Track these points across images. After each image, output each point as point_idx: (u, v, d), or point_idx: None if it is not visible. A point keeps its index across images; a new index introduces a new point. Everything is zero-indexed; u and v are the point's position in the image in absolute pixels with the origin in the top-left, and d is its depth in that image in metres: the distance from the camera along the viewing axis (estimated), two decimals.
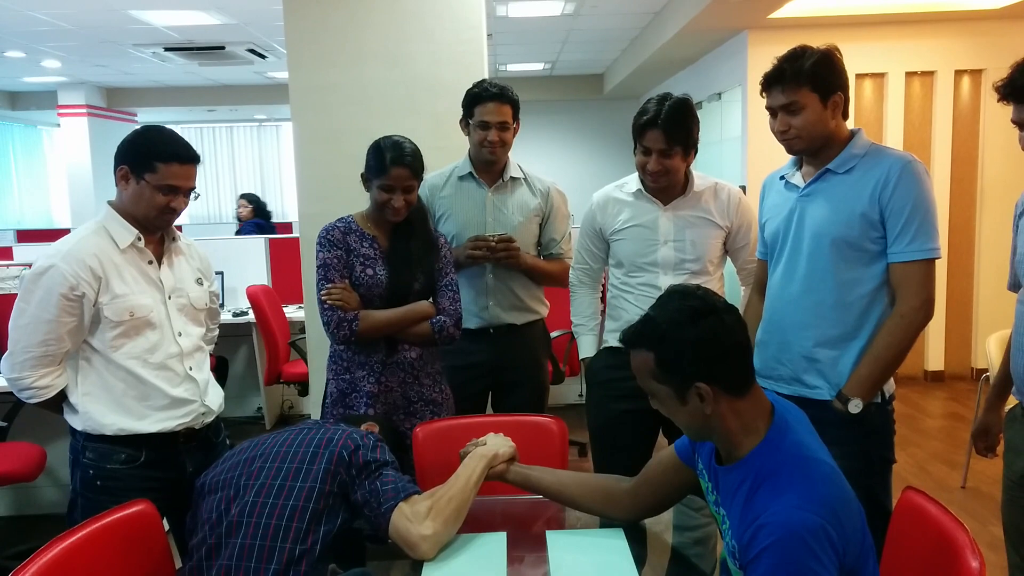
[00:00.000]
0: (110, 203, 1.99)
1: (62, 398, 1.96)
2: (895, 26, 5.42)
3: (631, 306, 2.39)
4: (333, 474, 1.61)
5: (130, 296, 1.93)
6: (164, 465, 2.00)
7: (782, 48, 1.97)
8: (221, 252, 5.01)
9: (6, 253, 5.72)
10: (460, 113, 2.65)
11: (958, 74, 5.52)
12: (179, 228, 2.21)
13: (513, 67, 9.27)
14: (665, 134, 2.21)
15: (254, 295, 4.52)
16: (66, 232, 2.28)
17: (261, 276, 5.22)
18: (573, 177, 9.00)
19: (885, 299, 1.96)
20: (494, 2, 5.96)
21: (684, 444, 1.63)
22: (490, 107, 2.54)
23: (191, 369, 2.05)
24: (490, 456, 1.79)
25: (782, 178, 2.12)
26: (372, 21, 3.34)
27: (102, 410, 1.93)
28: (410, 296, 2.33)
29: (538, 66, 9.32)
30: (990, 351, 3.30)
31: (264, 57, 7.80)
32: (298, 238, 3.50)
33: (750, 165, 5.57)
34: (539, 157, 9.92)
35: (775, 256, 2.11)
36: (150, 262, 2.00)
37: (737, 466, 1.38)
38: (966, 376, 5.74)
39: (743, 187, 5.26)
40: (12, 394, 1.98)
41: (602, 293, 2.65)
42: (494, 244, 2.57)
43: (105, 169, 3.27)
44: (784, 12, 5.06)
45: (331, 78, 3.36)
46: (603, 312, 2.58)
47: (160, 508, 1.73)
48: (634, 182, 2.41)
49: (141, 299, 1.95)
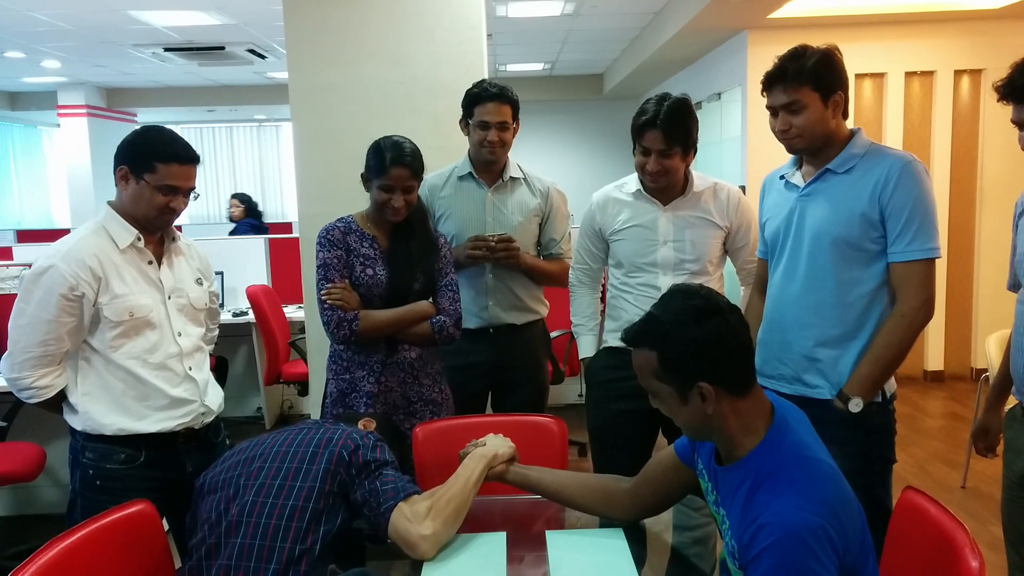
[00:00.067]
0: (110, 203, 1.99)
1: (62, 398, 1.96)
2: (895, 26, 5.42)
3: (630, 306, 2.39)
4: (333, 474, 1.61)
5: (130, 296, 1.93)
6: (164, 465, 2.00)
7: (782, 48, 1.97)
8: (221, 252, 5.01)
9: (6, 253, 5.71)
10: (460, 113, 2.65)
11: (958, 74, 5.52)
12: (179, 228, 2.21)
13: (513, 67, 9.27)
14: (664, 134, 2.21)
15: (254, 295, 4.52)
16: (66, 232, 2.28)
17: (261, 276, 5.22)
18: (573, 177, 9.00)
19: (885, 299, 1.96)
20: (494, 2, 5.96)
21: (684, 444, 1.62)
22: (490, 107, 2.55)
23: (191, 369, 2.05)
24: (490, 456, 1.79)
25: (782, 177, 2.12)
26: (372, 21, 3.35)
27: (102, 410, 1.93)
28: (410, 296, 2.33)
29: (538, 66, 9.32)
30: (990, 351, 3.30)
31: (264, 57, 7.80)
32: (298, 238, 3.50)
33: (750, 165, 5.57)
34: (539, 157, 9.91)
35: (775, 256, 2.11)
36: (150, 262, 2.00)
37: (737, 466, 1.38)
38: (966, 376, 5.74)
39: (743, 187, 5.27)
40: (12, 394, 1.98)
41: (602, 293, 2.65)
42: (494, 244, 2.57)
43: (105, 169, 3.27)
44: (784, 12, 5.06)
45: (331, 78, 3.36)
46: (603, 312, 2.58)
47: (160, 508, 1.73)
48: (633, 182, 2.41)
49: (141, 299, 1.95)
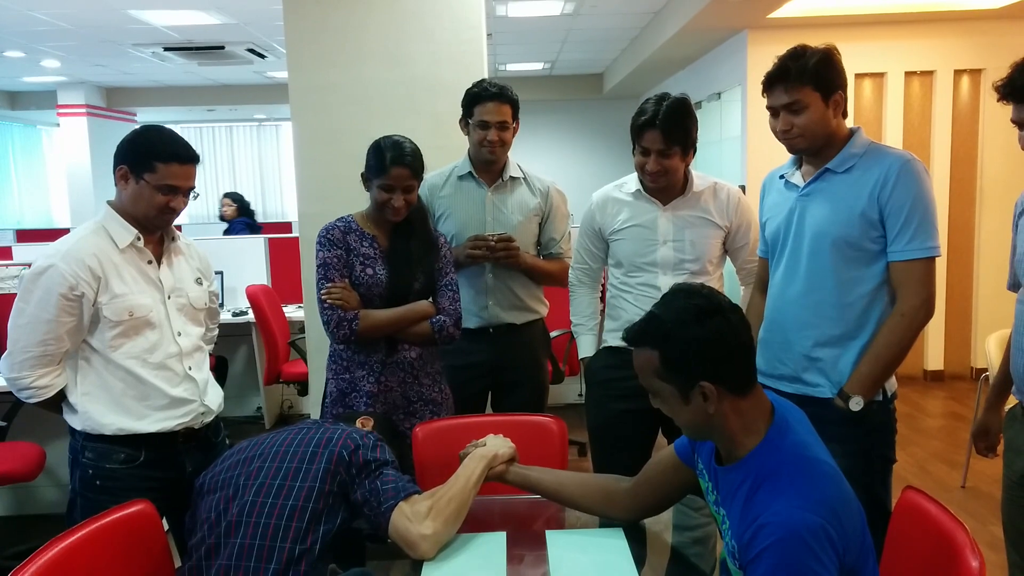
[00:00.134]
0: (109, 203, 1.99)
1: (61, 398, 1.95)
2: (894, 26, 5.42)
3: (630, 306, 2.39)
4: (333, 474, 1.61)
5: (129, 296, 1.93)
6: (163, 465, 2.00)
7: (782, 48, 1.97)
8: (221, 252, 5.01)
9: (6, 253, 5.70)
10: (460, 113, 2.65)
11: (957, 74, 5.52)
12: (179, 228, 2.21)
13: (513, 67, 9.27)
14: (663, 134, 2.21)
15: (254, 295, 4.51)
16: (66, 232, 2.28)
17: (261, 276, 5.22)
18: (573, 177, 8.99)
19: (886, 298, 1.96)
20: (494, 2, 5.96)
21: (683, 444, 1.62)
22: (490, 107, 2.55)
23: (190, 369, 2.05)
24: (490, 457, 1.79)
25: (782, 177, 2.12)
26: (372, 21, 3.34)
27: (101, 410, 1.93)
28: (410, 296, 2.33)
29: (538, 66, 9.32)
30: (990, 351, 3.30)
31: (264, 57, 7.80)
32: (297, 238, 3.50)
33: (750, 165, 5.56)
34: (539, 157, 9.91)
35: (776, 256, 2.11)
36: (149, 262, 2.00)
37: (737, 466, 1.38)
38: (966, 376, 5.74)
39: (743, 187, 5.26)
40: (11, 394, 1.98)
41: (601, 293, 2.65)
42: (494, 243, 2.57)
43: (105, 169, 3.26)
44: (784, 12, 5.06)
45: (331, 78, 3.36)
46: (602, 312, 2.58)
47: (159, 508, 1.73)
48: (633, 182, 2.41)
49: (140, 299, 1.95)
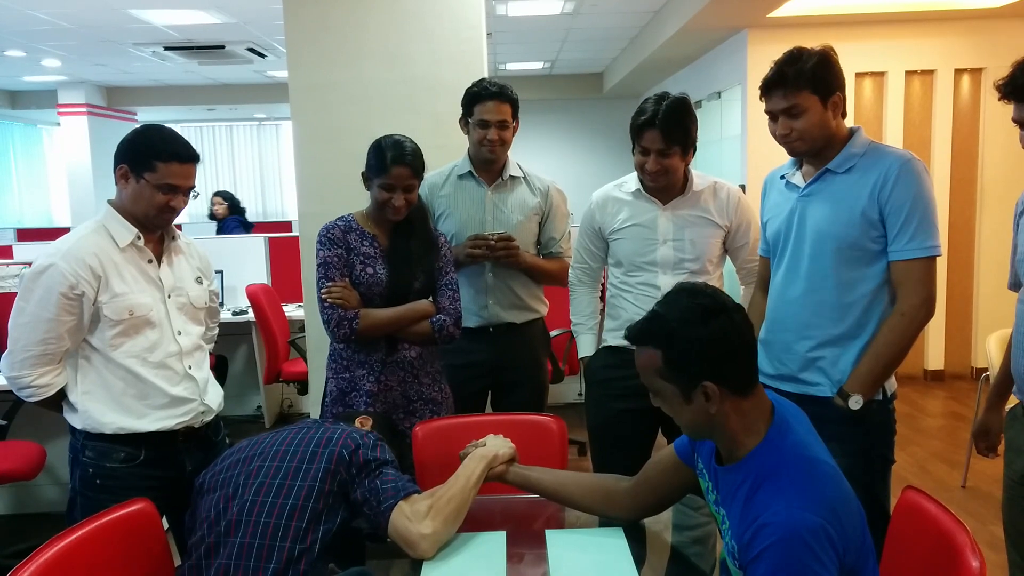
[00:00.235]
0: (110, 202, 1.99)
1: (61, 397, 1.96)
2: (895, 25, 5.42)
3: (630, 305, 2.39)
4: (333, 473, 1.61)
5: (129, 295, 1.93)
6: (163, 464, 2.00)
7: (782, 47, 1.96)
8: (221, 251, 5.01)
9: (6, 252, 5.71)
10: (460, 112, 2.65)
11: (958, 73, 5.52)
12: (179, 227, 2.21)
13: (513, 66, 9.27)
14: (663, 134, 2.20)
15: (254, 294, 4.51)
16: (66, 231, 2.28)
17: (261, 275, 5.22)
18: (573, 176, 9.00)
19: (886, 298, 1.96)
20: (494, 1, 5.96)
21: (683, 443, 1.62)
22: (489, 106, 2.54)
23: (190, 368, 2.05)
24: (490, 457, 1.78)
25: (782, 177, 2.12)
26: (372, 20, 3.34)
27: (101, 409, 1.93)
28: (410, 295, 2.33)
29: (537, 65, 9.32)
30: (990, 350, 3.30)
31: (264, 56, 7.80)
32: (297, 237, 3.49)
33: (750, 164, 5.56)
34: (539, 156, 9.91)
35: (777, 257, 2.11)
36: (150, 261, 2.00)
37: (737, 466, 1.38)
38: (966, 375, 5.74)
39: (743, 186, 5.27)
40: (12, 392, 1.98)
41: (601, 292, 2.65)
42: (494, 243, 2.57)
43: (105, 168, 3.26)
44: (784, 11, 5.05)
45: (331, 77, 3.36)
46: (602, 311, 2.58)
47: (159, 507, 1.73)
48: (633, 181, 2.41)
49: (140, 298, 1.95)
